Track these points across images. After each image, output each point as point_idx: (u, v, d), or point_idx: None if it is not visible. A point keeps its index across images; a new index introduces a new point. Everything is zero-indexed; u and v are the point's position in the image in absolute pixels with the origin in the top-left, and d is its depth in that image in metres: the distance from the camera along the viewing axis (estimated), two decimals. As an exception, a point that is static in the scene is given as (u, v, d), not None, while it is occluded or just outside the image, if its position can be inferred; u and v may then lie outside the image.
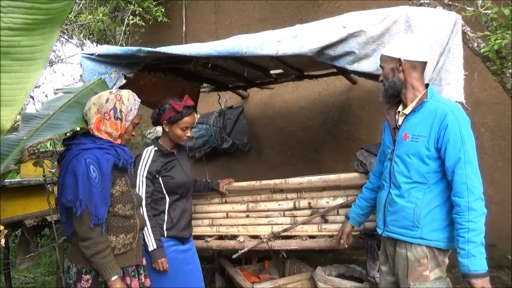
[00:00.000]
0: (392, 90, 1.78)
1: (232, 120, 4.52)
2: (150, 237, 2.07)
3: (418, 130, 1.71)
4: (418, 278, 1.69)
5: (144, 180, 2.12)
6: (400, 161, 1.76)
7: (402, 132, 1.77)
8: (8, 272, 3.34)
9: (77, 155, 1.66)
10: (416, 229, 1.69)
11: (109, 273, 1.65)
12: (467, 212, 1.57)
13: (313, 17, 4.20)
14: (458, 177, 1.60)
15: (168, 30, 5.16)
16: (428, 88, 1.77)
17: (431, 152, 1.68)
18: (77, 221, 1.64)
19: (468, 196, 1.58)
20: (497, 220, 3.55)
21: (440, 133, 1.65)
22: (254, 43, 2.09)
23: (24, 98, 1.43)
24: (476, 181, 1.60)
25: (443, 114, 1.66)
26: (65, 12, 1.44)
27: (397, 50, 1.76)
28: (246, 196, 2.71)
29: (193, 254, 2.36)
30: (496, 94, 3.54)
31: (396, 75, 1.76)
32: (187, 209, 2.34)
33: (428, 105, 1.72)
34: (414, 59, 1.74)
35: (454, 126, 1.63)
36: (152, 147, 2.22)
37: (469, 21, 2.58)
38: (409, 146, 1.73)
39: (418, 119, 1.73)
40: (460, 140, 1.62)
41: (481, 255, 1.57)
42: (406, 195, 1.73)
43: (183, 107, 2.18)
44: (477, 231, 1.57)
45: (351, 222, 2.14)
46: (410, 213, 1.71)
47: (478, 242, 1.57)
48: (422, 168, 1.70)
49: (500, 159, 3.58)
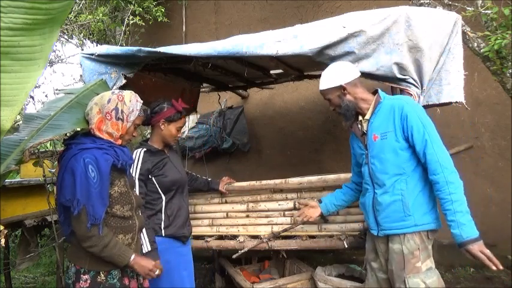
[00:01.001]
0: (349, 112, 1.93)
1: (232, 120, 4.52)
2: (145, 239, 2.07)
3: (384, 128, 1.85)
4: (412, 269, 1.79)
5: (137, 181, 2.13)
6: (376, 161, 1.88)
7: (370, 134, 1.90)
8: (8, 272, 3.34)
9: (76, 154, 1.65)
10: (408, 218, 1.81)
11: (126, 257, 1.68)
12: (446, 186, 1.71)
13: (313, 17, 4.21)
14: (430, 157, 1.74)
15: (168, 30, 5.16)
16: (378, 92, 1.93)
17: (400, 143, 1.81)
18: (75, 220, 1.64)
19: (443, 171, 1.72)
20: (497, 220, 3.56)
21: (403, 124, 1.80)
22: (254, 43, 2.08)
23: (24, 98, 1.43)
24: (446, 157, 1.75)
25: (400, 107, 1.81)
26: (65, 12, 1.44)
27: (334, 80, 1.91)
28: (246, 196, 2.71)
29: (190, 260, 2.37)
30: (496, 94, 3.54)
31: (345, 99, 1.92)
32: (184, 206, 2.34)
33: (385, 104, 1.88)
34: (351, 79, 1.90)
35: (412, 114, 1.78)
36: (141, 149, 2.23)
37: (469, 21, 2.58)
38: (380, 144, 1.86)
39: (380, 118, 1.87)
40: (422, 124, 1.77)
41: (470, 222, 1.69)
42: (391, 189, 1.84)
43: (182, 107, 2.24)
44: (460, 201, 1.71)
45: (321, 206, 2.26)
46: (399, 205, 1.82)
47: (464, 211, 1.70)
48: (397, 160, 1.82)
49: (500, 159, 3.58)
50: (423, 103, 2.10)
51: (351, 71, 1.92)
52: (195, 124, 4.64)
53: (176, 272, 2.20)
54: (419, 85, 2.05)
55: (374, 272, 2.01)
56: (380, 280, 1.98)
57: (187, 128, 4.57)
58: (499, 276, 3.41)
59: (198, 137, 4.56)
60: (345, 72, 1.91)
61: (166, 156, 2.30)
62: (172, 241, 2.23)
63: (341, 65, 1.96)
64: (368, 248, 2.07)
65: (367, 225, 2.04)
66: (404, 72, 1.99)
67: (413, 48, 1.97)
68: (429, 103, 2.16)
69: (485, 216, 3.62)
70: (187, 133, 4.57)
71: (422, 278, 1.78)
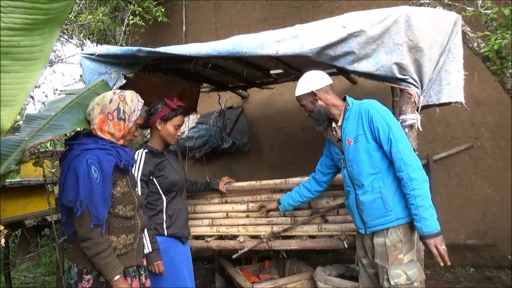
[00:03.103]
0: (321, 117, 2.06)
1: (232, 120, 4.52)
2: (146, 240, 2.08)
3: (355, 132, 1.96)
4: (394, 261, 1.88)
5: (139, 182, 2.13)
6: (353, 163, 1.98)
7: (344, 140, 2.01)
8: (8, 272, 3.34)
9: (79, 155, 1.66)
10: (390, 213, 1.90)
11: (111, 273, 1.65)
12: (409, 182, 1.80)
13: (313, 17, 4.21)
14: (395, 155, 1.85)
15: (168, 30, 5.16)
16: (346, 99, 2.06)
17: (371, 144, 1.92)
18: (77, 221, 1.64)
19: (406, 169, 1.81)
20: (497, 220, 3.56)
21: (370, 126, 1.91)
22: (254, 43, 2.08)
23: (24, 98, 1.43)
24: (410, 154, 1.84)
25: (366, 111, 1.93)
26: (65, 12, 1.44)
27: (307, 87, 2.06)
28: (246, 196, 2.72)
29: (190, 260, 2.38)
30: (496, 94, 3.54)
31: (317, 104, 2.05)
32: (183, 207, 2.37)
33: (353, 110, 2.00)
34: (322, 85, 2.04)
35: (377, 116, 1.90)
36: (142, 149, 2.24)
37: (469, 21, 2.58)
38: (354, 148, 1.97)
39: (351, 123, 1.99)
40: (386, 125, 1.87)
41: (432, 217, 1.78)
42: (370, 188, 1.94)
43: (177, 105, 2.27)
44: (422, 196, 1.78)
45: (280, 208, 2.45)
46: (379, 202, 1.91)
47: (427, 205, 1.78)
48: (371, 160, 1.92)
49: (500, 159, 3.58)
50: (423, 103, 2.10)
51: (322, 79, 2.06)
52: (195, 124, 4.63)
53: (178, 271, 2.21)
54: (419, 85, 2.05)
55: (365, 268, 2.10)
56: (370, 275, 2.06)
57: (187, 128, 4.57)
58: (499, 276, 3.41)
59: (198, 137, 4.56)
60: (316, 80, 2.05)
61: (166, 158, 2.32)
62: (173, 240, 2.25)
63: (313, 73, 2.09)
64: (358, 246, 2.15)
65: (355, 225, 2.11)
66: (404, 72, 1.99)
67: (413, 48, 1.97)
68: (429, 103, 2.16)
69: (485, 216, 3.63)
70: (187, 133, 4.57)
71: (403, 269, 1.86)
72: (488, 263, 3.58)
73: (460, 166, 3.72)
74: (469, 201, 3.67)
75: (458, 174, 3.70)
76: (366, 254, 2.07)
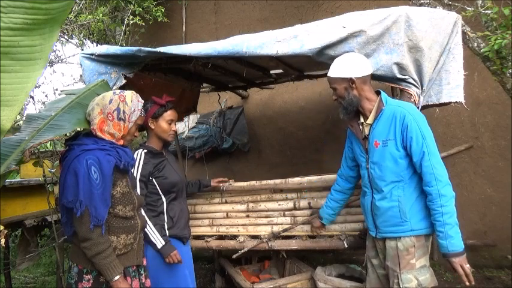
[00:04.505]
0: (351, 107, 1.90)
1: (232, 120, 4.52)
2: (155, 235, 2.10)
3: (385, 135, 1.86)
4: (406, 266, 1.83)
5: (138, 183, 2.13)
6: (376, 167, 1.90)
7: (372, 140, 1.91)
8: (8, 272, 3.34)
9: (79, 155, 1.66)
10: (405, 223, 1.84)
11: (111, 273, 1.66)
12: (438, 198, 1.74)
13: (313, 17, 4.21)
14: (426, 169, 1.77)
15: (168, 30, 5.16)
16: (381, 95, 1.91)
17: (400, 152, 1.83)
18: (77, 221, 1.64)
19: (437, 184, 1.74)
20: (497, 220, 3.56)
21: (403, 133, 1.81)
22: (254, 43, 2.08)
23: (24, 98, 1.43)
24: (441, 170, 1.77)
25: (402, 116, 1.81)
26: (65, 12, 1.44)
27: (346, 70, 1.86)
28: (246, 196, 2.71)
29: (191, 260, 2.38)
30: (496, 94, 3.54)
31: (351, 93, 1.88)
32: (184, 208, 2.37)
33: (387, 111, 1.86)
34: (363, 74, 1.87)
35: (413, 124, 1.79)
36: (141, 150, 2.24)
37: (469, 21, 2.58)
38: (381, 151, 1.87)
39: (382, 125, 1.87)
40: (421, 136, 1.78)
41: (457, 235, 1.73)
42: (388, 195, 1.87)
43: (165, 100, 2.26)
44: (450, 213, 1.73)
45: (324, 222, 2.36)
46: (396, 211, 1.85)
47: (453, 224, 1.73)
48: (396, 168, 1.84)
49: (500, 159, 3.58)
50: (423, 103, 2.10)
51: (364, 66, 1.87)
52: (195, 124, 4.64)
53: (180, 271, 2.21)
54: (419, 85, 2.05)
55: (374, 268, 2.06)
56: (380, 276, 2.02)
57: (187, 128, 4.58)
58: (499, 276, 3.41)
59: (198, 137, 4.56)
60: (358, 66, 1.86)
61: (165, 158, 2.31)
62: (175, 241, 2.25)
63: (356, 57, 1.90)
64: (368, 246, 2.11)
65: (366, 226, 2.08)
66: (404, 72, 2.00)
67: (413, 48, 1.97)
68: (429, 103, 2.16)
69: (485, 216, 3.63)
70: (187, 133, 4.57)
71: (415, 274, 1.82)
72: (488, 263, 3.58)
73: (460, 166, 3.72)
74: (469, 201, 3.67)
75: (458, 174, 3.70)
76: (377, 254, 2.03)
